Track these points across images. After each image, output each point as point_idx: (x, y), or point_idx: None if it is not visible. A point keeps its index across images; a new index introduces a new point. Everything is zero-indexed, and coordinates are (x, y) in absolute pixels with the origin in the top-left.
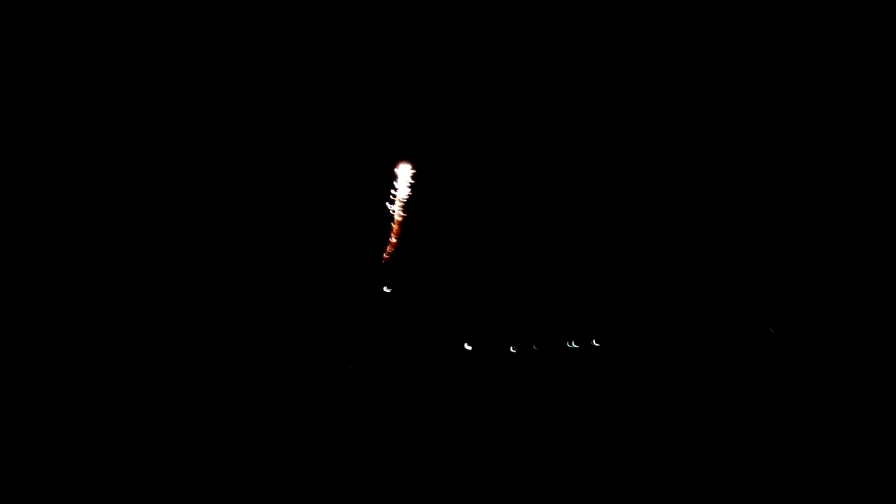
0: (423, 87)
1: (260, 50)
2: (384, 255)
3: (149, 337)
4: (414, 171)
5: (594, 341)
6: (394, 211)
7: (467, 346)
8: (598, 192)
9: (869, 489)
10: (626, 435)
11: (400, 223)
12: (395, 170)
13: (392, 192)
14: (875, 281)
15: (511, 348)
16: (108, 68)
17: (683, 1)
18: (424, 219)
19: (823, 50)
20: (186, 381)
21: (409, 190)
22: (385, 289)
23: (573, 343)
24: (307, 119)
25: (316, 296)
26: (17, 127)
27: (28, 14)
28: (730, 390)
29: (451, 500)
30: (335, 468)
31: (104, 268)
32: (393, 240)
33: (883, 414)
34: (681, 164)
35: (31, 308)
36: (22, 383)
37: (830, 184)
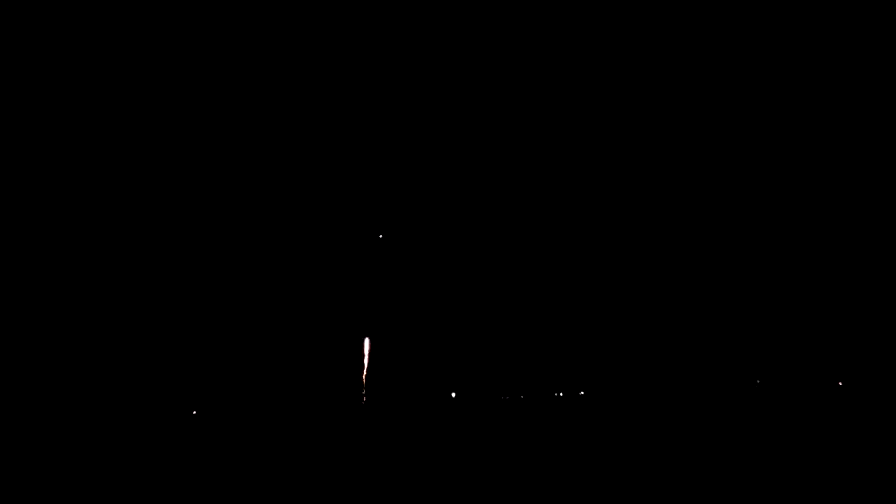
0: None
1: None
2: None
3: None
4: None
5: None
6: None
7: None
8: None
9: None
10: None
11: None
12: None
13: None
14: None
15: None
16: (111, 69)
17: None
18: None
19: (823, 50)
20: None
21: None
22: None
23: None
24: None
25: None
26: (17, 127)
27: (28, 14)
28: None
29: None
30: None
31: (104, 268)
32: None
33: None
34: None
35: (32, 308)
36: (22, 384)
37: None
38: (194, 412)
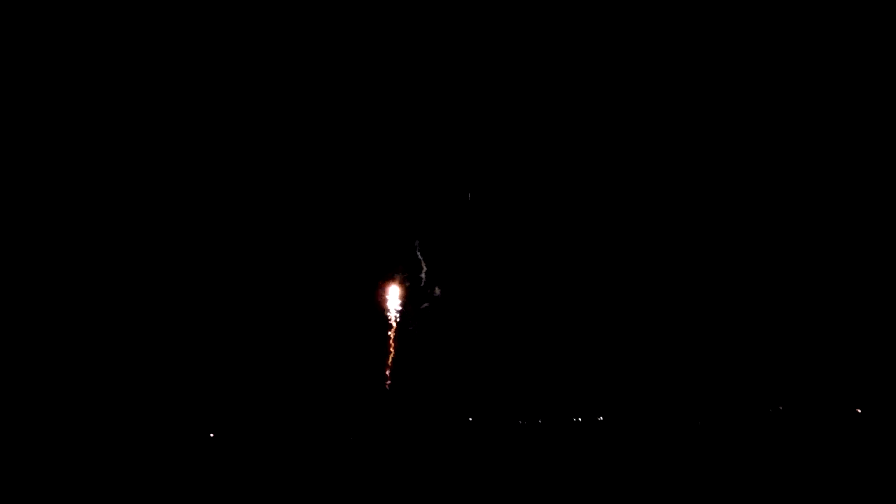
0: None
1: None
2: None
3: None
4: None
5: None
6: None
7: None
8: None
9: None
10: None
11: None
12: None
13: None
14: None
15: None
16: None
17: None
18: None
19: (823, 50)
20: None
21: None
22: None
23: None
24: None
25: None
26: (17, 127)
27: (29, 14)
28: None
29: None
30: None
31: (106, 269)
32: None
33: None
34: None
35: (32, 309)
36: (23, 384)
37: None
38: (211, 434)
